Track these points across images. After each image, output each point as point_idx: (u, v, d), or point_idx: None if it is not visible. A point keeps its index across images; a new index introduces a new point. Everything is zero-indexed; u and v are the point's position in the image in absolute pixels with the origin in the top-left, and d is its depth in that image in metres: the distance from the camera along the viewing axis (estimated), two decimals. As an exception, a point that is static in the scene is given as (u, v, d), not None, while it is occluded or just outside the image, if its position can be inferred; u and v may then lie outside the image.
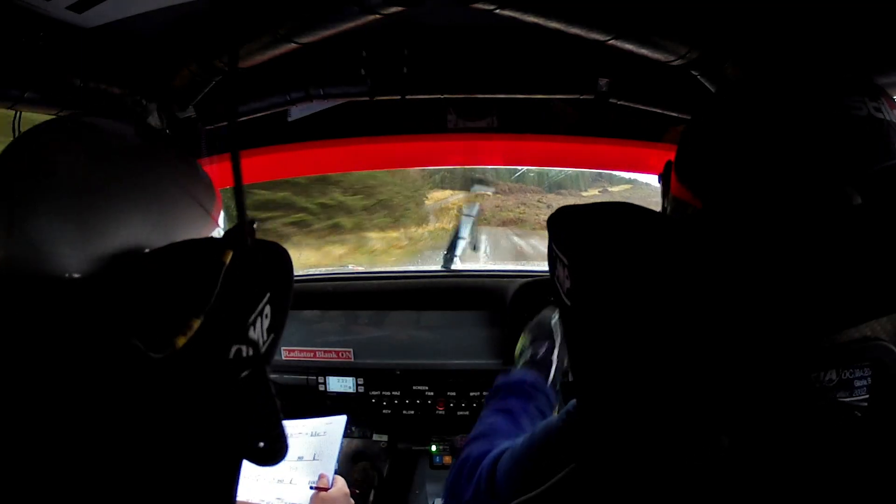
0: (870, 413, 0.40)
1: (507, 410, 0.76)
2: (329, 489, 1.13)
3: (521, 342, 0.96)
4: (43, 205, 0.44)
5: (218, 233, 0.57)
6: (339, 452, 1.24)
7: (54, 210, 0.44)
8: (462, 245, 1.83)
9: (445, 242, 1.86)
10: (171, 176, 0.51)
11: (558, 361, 0.87)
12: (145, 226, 0.47)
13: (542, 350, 0.89)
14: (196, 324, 0.39)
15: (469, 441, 0.72)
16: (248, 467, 0.47)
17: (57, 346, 0.39)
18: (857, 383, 0.43)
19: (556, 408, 0.84)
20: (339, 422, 1.32)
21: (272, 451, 0.48)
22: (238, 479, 0.45)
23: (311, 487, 1.12)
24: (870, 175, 0.40)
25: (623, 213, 0.46)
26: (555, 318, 0.95)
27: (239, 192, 0.44)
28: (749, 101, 0.48)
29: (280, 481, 1.20)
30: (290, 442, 0.47)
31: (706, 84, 0.91)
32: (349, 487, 1.20)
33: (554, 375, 0.85)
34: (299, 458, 1.23)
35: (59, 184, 0.44)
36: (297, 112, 1.23)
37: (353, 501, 1.15)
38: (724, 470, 0.40)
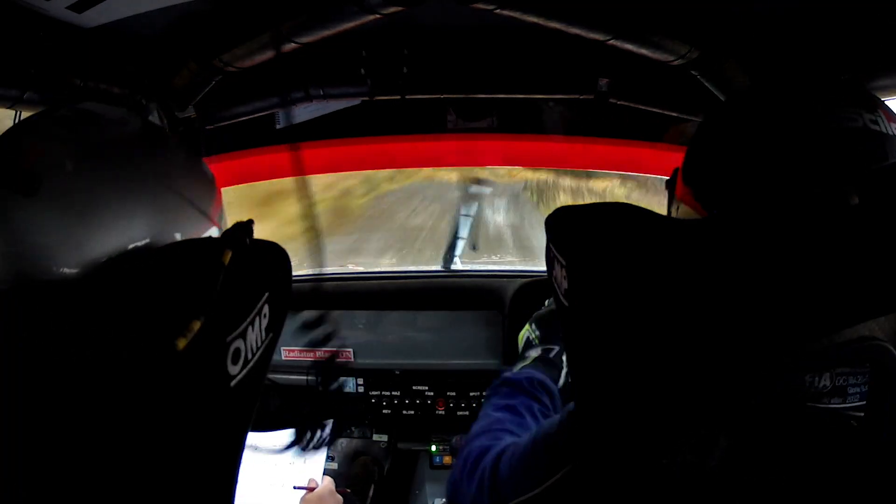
0: (868, 413, 0.40)
1: (513, 407, 0.75)
2: (315, 489, 1.16)
3: (527, 331, 0.93)
4: (33, 200, 0.43)
5: (218, 223, 0.56)
6: (326, 454, 1.26)
7: (44, 205, 0.43)
8: (461, 245, 1.83)
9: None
10: (167, 168, 0.51)
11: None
12: (140, 218, 0.46)
13: (554, 351, 0.87)
14: (196, 325, 0.38)
15: (472, 437, 0.71)
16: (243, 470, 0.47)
17: (54, 345, 0.39)
18: (851, 390, 0.43)
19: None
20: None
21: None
22: (237, 480, 0.45)
23: (295, 488, 1.15)
24: (867, 175, 0.40)
25: (621, 214, 0.46)
26: None
27: (303, 185, 0.44)
28: (750, 111, 0.50)
29: (270, 484, 1.23)
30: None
31: (706, 84, 0.91)
32: (350, 483, 1.21)
33: (564, 379, 0.83)
34: (290, 463, 1.29)
35: (49, 177, 0.44)
36: (302, 114, 1.23)
37: (340, 497, 1.17)
38: (722, 471, 0.40)
